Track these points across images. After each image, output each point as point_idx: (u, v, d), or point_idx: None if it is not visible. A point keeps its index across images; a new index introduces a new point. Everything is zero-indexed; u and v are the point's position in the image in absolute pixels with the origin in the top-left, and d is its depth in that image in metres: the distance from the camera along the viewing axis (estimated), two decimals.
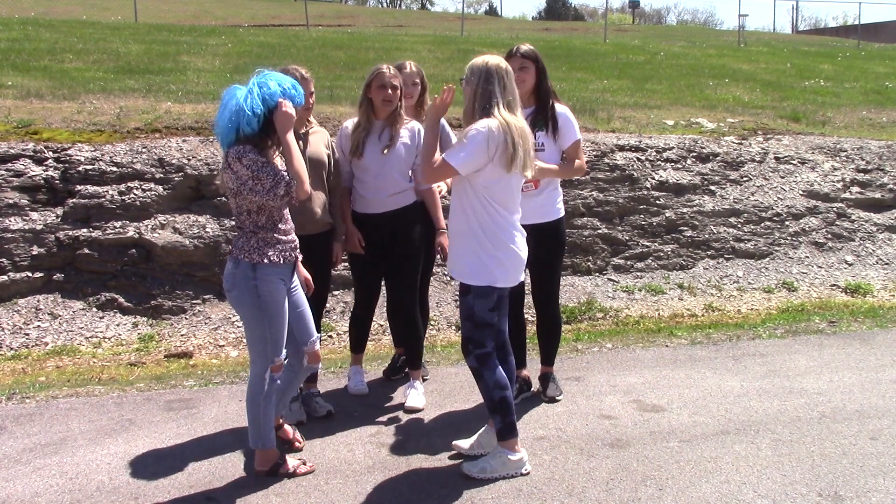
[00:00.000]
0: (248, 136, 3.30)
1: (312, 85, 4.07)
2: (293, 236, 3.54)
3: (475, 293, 3.53)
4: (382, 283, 4.64)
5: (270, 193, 3.31)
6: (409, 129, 4.36)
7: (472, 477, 3.55)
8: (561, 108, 4.23)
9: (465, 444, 3.84)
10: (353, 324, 4.73)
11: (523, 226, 4.12)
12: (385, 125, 4.31)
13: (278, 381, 3.58)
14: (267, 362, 3.49)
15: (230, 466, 3.71)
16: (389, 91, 4.23)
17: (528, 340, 4.70)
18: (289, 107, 3.32)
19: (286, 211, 3.51)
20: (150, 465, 3.71)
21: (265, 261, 3.39)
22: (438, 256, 4.59)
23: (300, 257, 3.64)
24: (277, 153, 3.51)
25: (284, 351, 3.55)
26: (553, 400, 4.47)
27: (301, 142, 3.98)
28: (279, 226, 3.45)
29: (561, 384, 4.76)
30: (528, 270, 4.33)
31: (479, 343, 3.55)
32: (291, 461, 3.62)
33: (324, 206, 4.16)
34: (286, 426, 3.89)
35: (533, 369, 4.69)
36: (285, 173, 3.33)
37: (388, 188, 4.30)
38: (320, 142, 4.18)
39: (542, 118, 4.15)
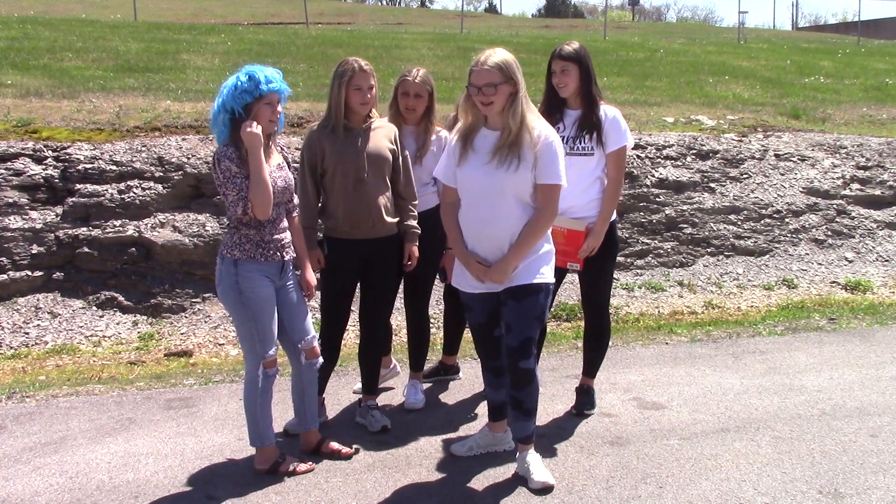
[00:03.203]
0: (226, 139, 3.35)
1: (373, 78, 3.85)
2: (282, 236, 3.52)
3: (548, 291, 3.49)
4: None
5: (230, 207, 3.37)
6: (437, 137, 4.26)
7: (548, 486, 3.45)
8: (611, 111, 4.00)
9: (461, 448, 3.80)
10: None
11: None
12: (416, 131, 4.21)
13: (274, 377, 3.58)
14: (258, 359, 3.50)
15: (230, 465, 3.71)
16: (412, 99, 4.15)
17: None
18: (253, 127, 3.31)
19: (278, 211, 3.50)
20: (151, 464, 3.71)
21: (245, 257, 3.41)
22: (438, 276, 4.47)
23: (292, 257, 3.61)
24: (274, 151, 3.52)
25: (275, 347, 3.54)
26: (581, 414, 4.29)
27: (360, 138, 3.87)
28: (265, 225, 3.44)
29: (562, 382, 4.76)
30: (578, 276, 4.27)
31: (535, 343, 3.52)
32: (291, 460, 3.62)
33: (385, 208, 3.93)
34: (330, 443, 3.80)
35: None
36: (240, 201, 3.32)
37: None
38: (383, 137, 3.94)
39: (589, 122, 3.97)
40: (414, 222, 4.08)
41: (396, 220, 4.02)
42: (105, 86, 8.62)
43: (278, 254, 3.49)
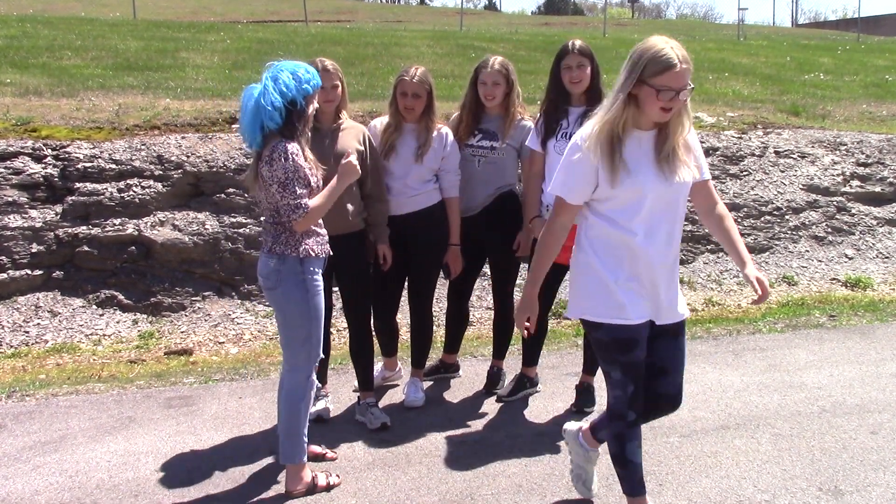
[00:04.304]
0: (274, 131, 3.18)
1: (337, 78, 3.89)
2: (325, 229, 3.48)
3: None
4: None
5: (283, 209, 3.20)
6: (439, 134, 4.24)
7: None
8: None
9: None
10: (377, 332, 4.55)
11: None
12: (417, 130, 4.19)
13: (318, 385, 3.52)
14: (313, 363, 3.38)
15: (230, 463, 3.71)
16: (410, 99, 4.14)
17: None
18: (354, 158, 3.32)
19: None
20: (150, 463, 3.71)
21: (311, 254, 3.31)
22: (442, 273, 4.45)
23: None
24: (306, 146, 3.39)
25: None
26: (581, 411, 4.29)
27: (328, 139, 3.88)
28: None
29: (562, 380, 4.76)
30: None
31: None
32: (322, 476, 3.48)
33: (357, 205, 3.98)
34: (314, 447, 3.72)
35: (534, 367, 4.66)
36: (305, 201, 3.19)
37: (409, 192, 4.21)
38: (352, 138, 3.96)
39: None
40: (383, 222, 4.10)
41: (362, 216, 4.05)
42: (104, 84, 8.62)
43: (327, 246, 3.43)
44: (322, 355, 3.50)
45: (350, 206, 3.95)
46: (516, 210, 4.38)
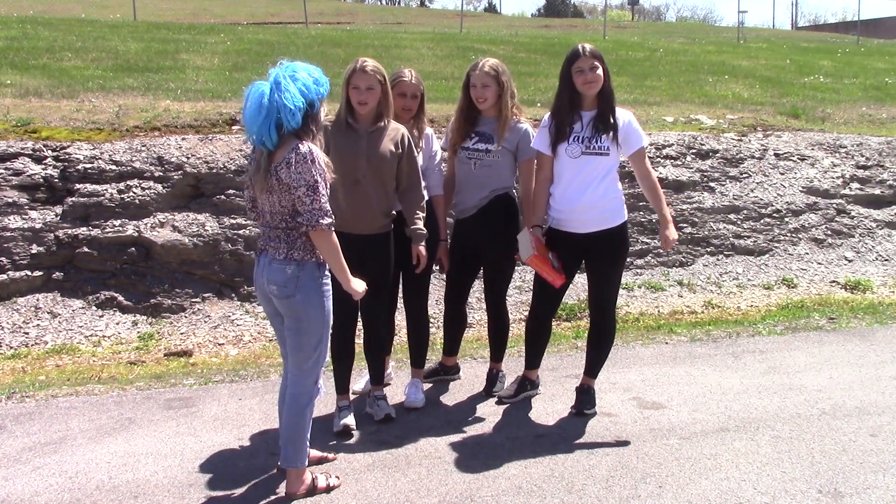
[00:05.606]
0: (291, 132, 3.13)
1: (374, 80, 3.83)
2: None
3: None
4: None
5: (315, 212, 3.11)
6: (424, 134, 4.29)
7: None
8: (626, 115, 4.09)
9: None
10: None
11: (586, 235, 4.03)
12: (409, 130, 4.17)
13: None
14: (320, 367, 3.37)
15: (230, 465, 3.71)
16: (409, 99, 4.15)
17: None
18: (360, 287, 3.33)
19: None
20: (150, 464, 3.71)
21: (324, 259, 3.29)
22: (436, 268, 4.49)
23: None
24: (318, 140, 3.33)
25: None
26: (581, 413, 4.28)
27: (363, 140, 3.88)
28: None
29: (562, 382, 4.76)
30: (587, 276, 4.23)
31: None
32: (322, 478, 3.48)
33: (384, 206, 3.99)
34: (312, 451, 3.66)
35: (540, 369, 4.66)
36: (327, 214, 3.13)
37: None
38: (389, 140, 3.94)
39: (605, 121, 4.00)
40: (419, 224, 4.08)
41: (391, 217, 4.06)
42: (104, 85, 8.62)
43: None
44: (328, 359, 3.50)
45: (377, 209, 3.97)
46: (512, 213, 4.38)
